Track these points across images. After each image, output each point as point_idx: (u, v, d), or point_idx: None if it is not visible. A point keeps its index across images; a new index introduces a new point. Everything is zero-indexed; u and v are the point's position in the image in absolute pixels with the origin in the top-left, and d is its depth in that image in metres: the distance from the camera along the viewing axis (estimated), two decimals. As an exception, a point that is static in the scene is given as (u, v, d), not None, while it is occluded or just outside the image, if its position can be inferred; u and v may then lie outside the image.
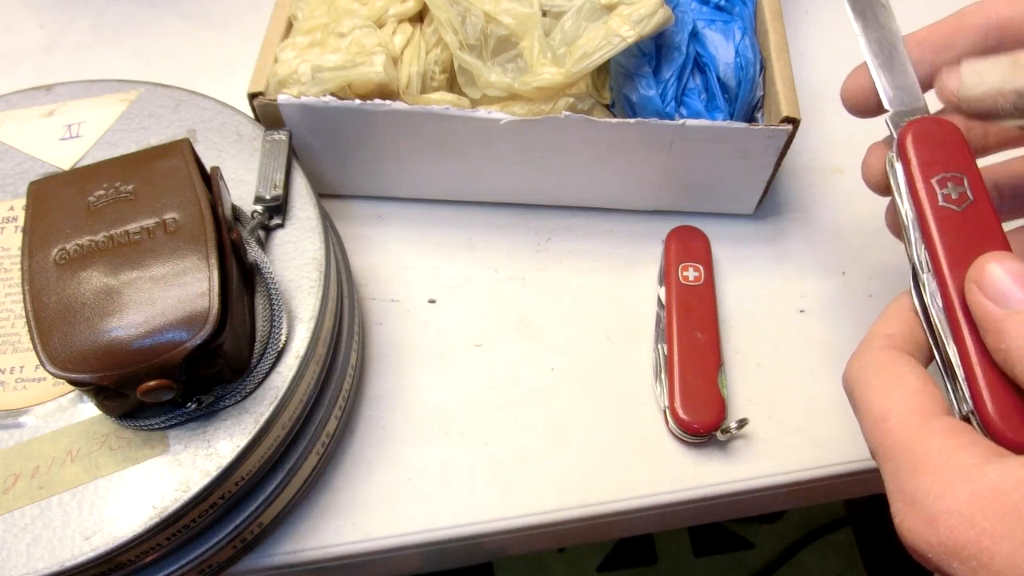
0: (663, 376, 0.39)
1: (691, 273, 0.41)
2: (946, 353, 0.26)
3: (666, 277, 0.42)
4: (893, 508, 0.23)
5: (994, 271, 0.24)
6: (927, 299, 0.26)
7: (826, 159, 0.50)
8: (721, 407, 0.38)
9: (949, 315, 0.26)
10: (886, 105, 0.31)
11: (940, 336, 0.26)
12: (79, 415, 0.33)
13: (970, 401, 0.25)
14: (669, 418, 0.38)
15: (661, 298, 0.41)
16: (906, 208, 0.28)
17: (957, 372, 0.25)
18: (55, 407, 0.33)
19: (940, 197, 0.27)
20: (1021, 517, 0.20)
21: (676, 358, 0.39)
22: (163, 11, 0.57)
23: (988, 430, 0.24)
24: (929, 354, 0.27)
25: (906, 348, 0.26)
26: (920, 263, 0.27)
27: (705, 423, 0.37)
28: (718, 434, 0.38)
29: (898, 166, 0.29)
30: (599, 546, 0.92)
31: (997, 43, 0.29)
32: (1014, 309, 0.23)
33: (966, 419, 0.25)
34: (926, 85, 0.31)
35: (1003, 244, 0.26)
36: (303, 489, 0.37)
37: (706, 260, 0.42)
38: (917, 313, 0.27)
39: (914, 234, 0.28)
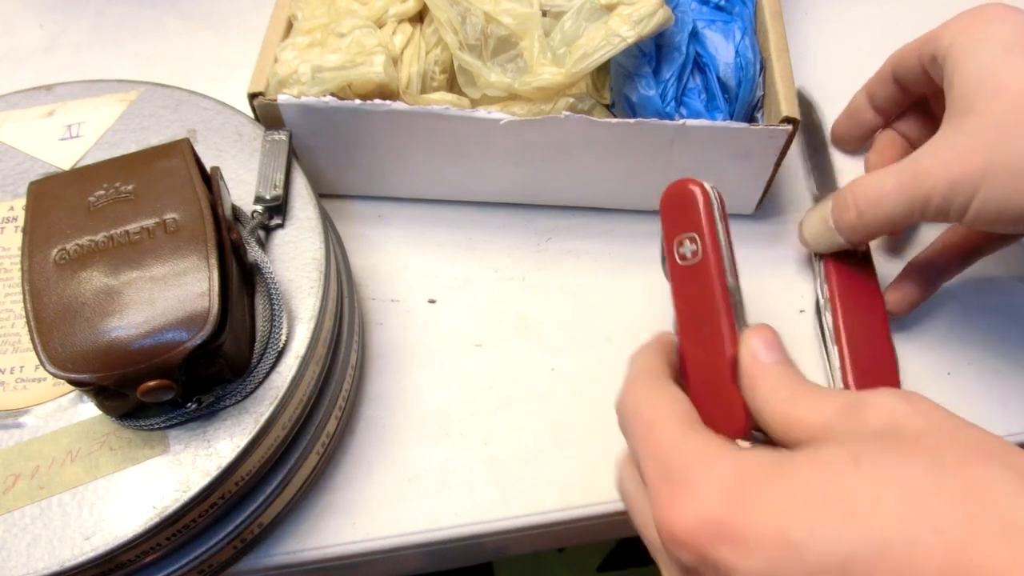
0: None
1: (687, 248, 0.30)
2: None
3: (667, 256, 0.32)
4: (658, 503, 0.24)
5: (759, 335, 0.29)
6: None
7: (826, 159, 0.50)
8: (744, 414, 0.29)
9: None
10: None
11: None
12: (79, 415, 0.33)
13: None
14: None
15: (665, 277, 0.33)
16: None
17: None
18: (55, 407, 0.33)
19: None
20: (775, 481, 0.23)
21: (687, 360, 0.31)
22: (163, 11, 0.57)
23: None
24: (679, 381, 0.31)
25: (666, 375, 0.30)
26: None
27: (727, 433, 0.29)
28: (740, 443, 0.30)
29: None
30: (599, 546, 0.92)
31: (899, 88, 0.43)
32: (764, 362, 0.28)
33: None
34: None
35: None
36: (303, 489, 0.37)
37: (701, 226, 0.30)
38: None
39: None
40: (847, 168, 0.48)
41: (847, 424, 0.24)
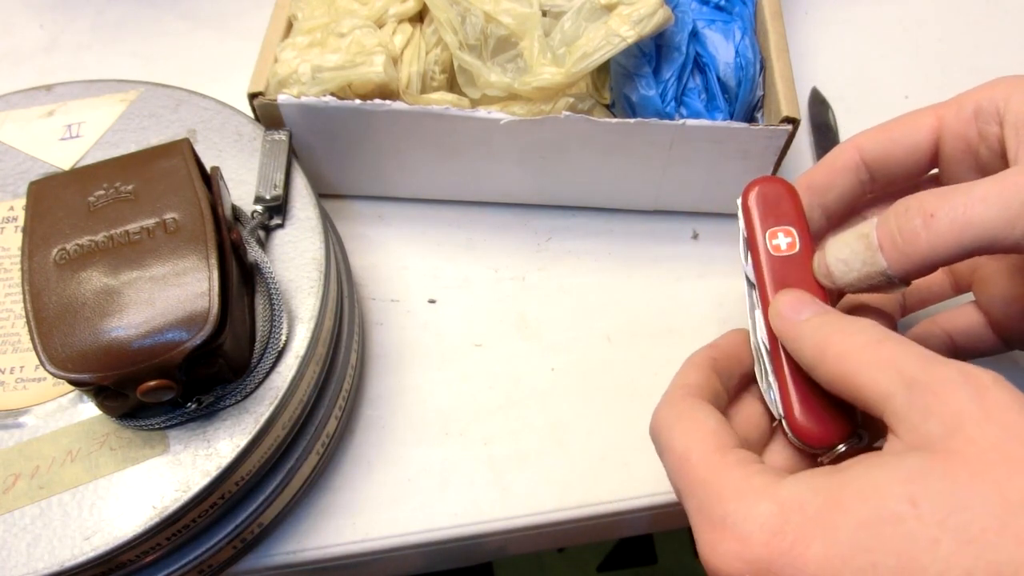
0: (769, 376, 0.31)
1: (782, 240, 0.32)
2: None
3: (751, 247, 0.32)
4: (700, 540, 0.24)
5: (786, 296, 0.29)
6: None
7: (826, 159, 0.50)
8: (851, 411, 0.29)
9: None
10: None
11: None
12: (79, 415, 0.33)
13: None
14: (787, 429, 0.30)
15: (749, 275, 0.32)
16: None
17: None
18: (55, 407, 0.33)
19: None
20: (823, 518, 0.22)
21: (784, 351, 0.30)
22: (163, 11, 0.57)
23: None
24: (725, 400, 0.31)
25: (703, 396, 0.29)
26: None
27: (832, 433, 0.29)
28: (841, 447, 0.29)
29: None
30: (599, 546, 0.92)
31: (869, 176, 0.32)
32: (802, 319, 0.27)
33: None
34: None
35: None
36: (303, 489, 0.37)
37: (799, 221, 0.32)
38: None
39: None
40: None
41: (909, 411, 0.22)
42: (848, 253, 0.29)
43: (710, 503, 0.24)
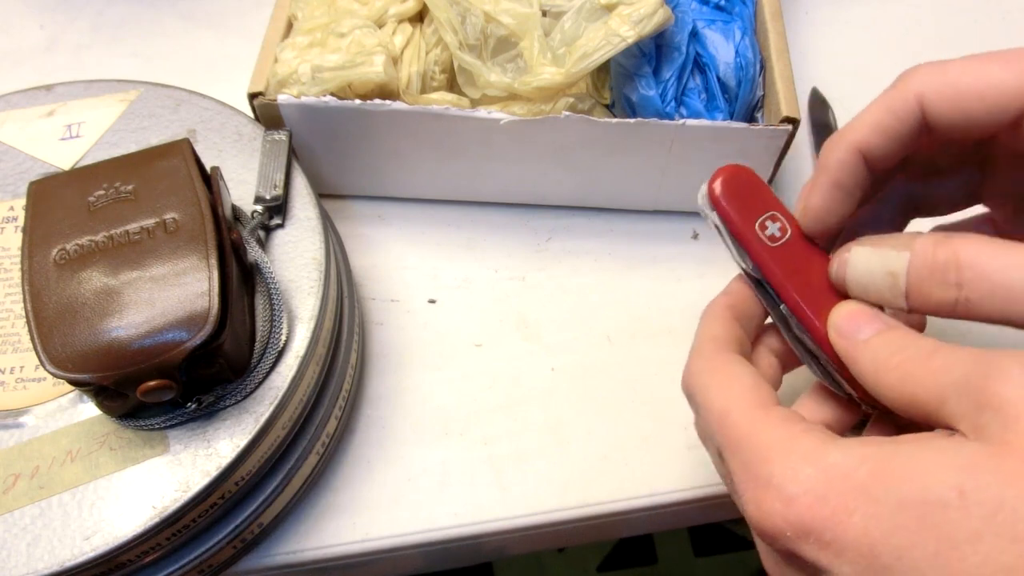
0: (827, 366, 0.29)
1: (772, 228, 0.29)
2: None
3: (744, 244, 0.30)
4: (745, 498, 0.24)
5: (843, 311, 0.28)
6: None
7: (826, 159, 0.50)
8: None
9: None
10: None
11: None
12: (79, 415, 0.33)
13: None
14: (868, 406, 0.28)
15: (752, 273, 0.30)
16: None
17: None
18: (55, 407, 0.33)
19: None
20: (868, 491, 0.21)
21: (821, 336, 0.28)
22: (163, 11, 0.57)
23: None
24: (749, 348, 0.30)
25: (732, 348, 0.28)
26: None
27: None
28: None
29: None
30: (599, 546, 0.92)
31: (928, 136, 0.28)
32: (862, 339, 0.26)
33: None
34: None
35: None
36: (303, 489, 0.37)
37: (773, 201, 0.30)
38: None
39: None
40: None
41: (964, 406, 0.22)
42: (868, 281, 0.27)
43: (756, 462, 0.24)
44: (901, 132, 0.27)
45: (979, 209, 0.33)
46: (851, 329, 0.27)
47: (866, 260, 0.27)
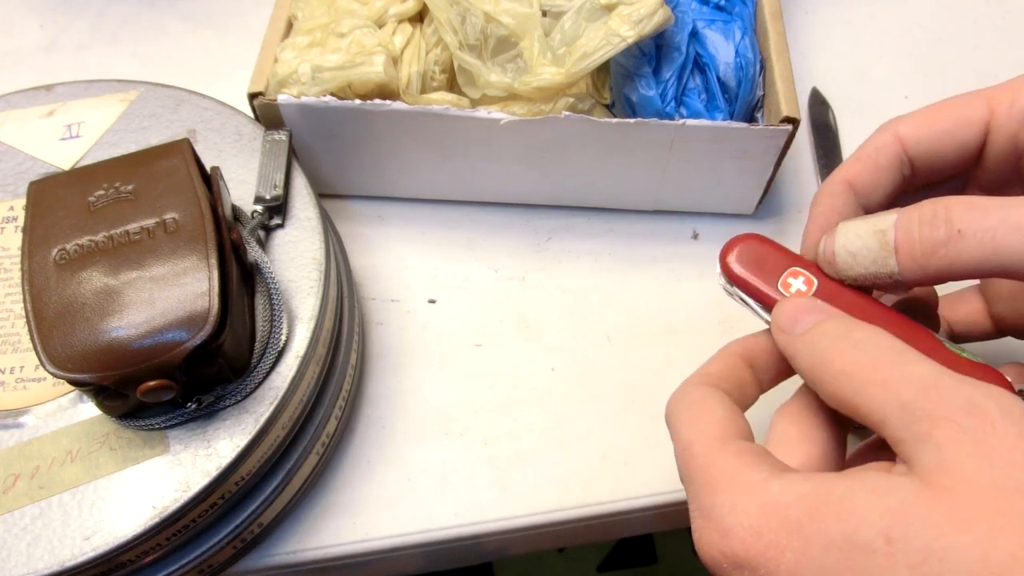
0: None
1: (796, 284, 0.29)
2: None
3: (766, 305, 0.29)
4: (693, 525, 0.24)
5: (786, 306, 0.27)
6: None
7: (826, 159, 0.49)
8: (998, 375, 0.26)
9: None
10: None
11: None
12: (79, 415, 0.33)
13: None
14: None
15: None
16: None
17: None
18: (55, 407, 0.33)
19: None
20: (801, 529, 0.21)
21: None
22: (163, 11, 0.57)
23: None
24: (754, 391, 0.29)
25: (722, 385, 0.28)
26: None
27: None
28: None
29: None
30: (599, 546, 0.92)
31: (911, 172, 0.29)
32: (797, 332, 0.26)
33: None
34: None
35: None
36: (303, 489, 0.37)
37: (796, 259, 0.30)
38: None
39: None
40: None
41: (905, 436, 0.22)
42: (859, 246, 0.27)
43: (703, 492, 0.24)
44: (884, 164, 0.29)
45: None
46: (789, 323, 0.26)
47: (854, 226, 0.27)
